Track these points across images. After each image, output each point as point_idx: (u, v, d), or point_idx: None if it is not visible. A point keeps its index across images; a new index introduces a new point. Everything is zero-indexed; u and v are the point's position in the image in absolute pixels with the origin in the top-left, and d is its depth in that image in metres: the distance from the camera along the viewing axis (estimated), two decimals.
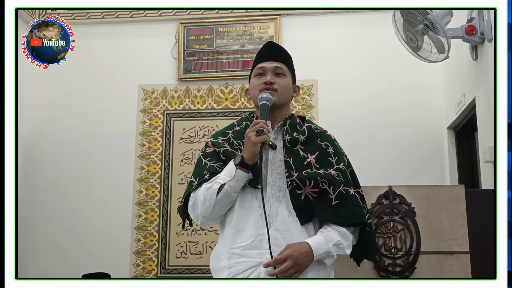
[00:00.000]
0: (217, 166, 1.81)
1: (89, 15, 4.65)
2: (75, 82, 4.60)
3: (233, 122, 1.98)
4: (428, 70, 3.97)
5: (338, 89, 4.34)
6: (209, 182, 1.77)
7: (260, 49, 2.00)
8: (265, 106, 1.80)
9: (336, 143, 1.91)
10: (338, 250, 1.73)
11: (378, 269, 2.40)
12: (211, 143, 1.90)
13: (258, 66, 1.92)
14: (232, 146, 1.86)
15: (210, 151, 1.88)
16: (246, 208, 1.77)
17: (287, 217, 1.75)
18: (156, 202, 4.33)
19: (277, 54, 1.94)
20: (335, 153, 1.86)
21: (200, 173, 1.83)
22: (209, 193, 1.75)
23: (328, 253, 1.72)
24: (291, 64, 1.97)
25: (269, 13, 4.50)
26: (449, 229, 2.40)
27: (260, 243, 1.72)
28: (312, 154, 1.82)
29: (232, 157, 1.80)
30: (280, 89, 1.87)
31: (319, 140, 1.88)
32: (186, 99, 4.49)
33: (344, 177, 1.80)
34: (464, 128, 3.86)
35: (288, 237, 1.73)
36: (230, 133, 1.91)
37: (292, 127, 1.87)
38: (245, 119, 1.96)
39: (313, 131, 1.91)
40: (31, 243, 4.33)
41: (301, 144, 1.83)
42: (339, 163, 1.83)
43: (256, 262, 1.71)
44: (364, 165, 3.92)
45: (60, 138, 4.50)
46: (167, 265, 4.21)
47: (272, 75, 1.88)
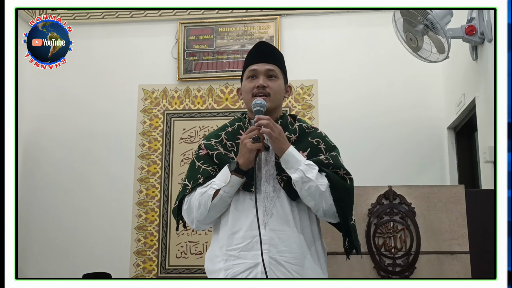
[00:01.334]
0: (211, 170, 1.82)
1: (89, 15, 4.65)
2: (76, 82, 4.60)
3: (225, 123, 1.98)
4: (428, 70, 3.97)
5: (338, 89, 4.34)
6: (203, 187, 1.78)
7: (251, 49, 1.99)
8: (259, 113, 1.80)
9: (328, 139, 1.91)
10: (307, 171, 1.71)
11: (378, 269, 2.40)
12: (204, 145, 1.90)
13: (250, 68, 1.91)
14: (225, 148, 1.87)
15: (203, 153, 1.88)
16: (241, 210, 1.78)
17: (281, 217, 1.76)
18: (156, 202, 4.33)
19: (268, 55, 1.93)
20: (326, 148, 1.87)
21: (194, 177, 1.84)
22: (204, 198, 1.77)
23: (297, 163, 1.73)
24: (283, 65, 1.97)
25: (269, 13, 4.50)
26: (449, 229, 2.40)
27: (256, 245, 1.72)
28: (304, 151, 1.83)
29: (226, 160, 1.81)
30: (273, 93, 1.87)
31: (310, 138, 1.88)
32: (186, 99, 4.49)
33: (334, 161, 1.80)
34: (464, 128, 3.86)
35: (284, 237, 1.74)
36: (223, 135, 1.91)
37: (283, 127, 1.86)
38: (238, 120, 1.96)
39: (304, 129, 1.91)
40: (31, 243, 4.33)
41: (292, 143, 1.83)
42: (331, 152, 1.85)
43: (253, 264, 1.72)
44: (364, 165, 3.97)
45: (60, 137, 4.50)
46: (167, 265, 4.21)
47: (264, 78, 1.87)
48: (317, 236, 1.84)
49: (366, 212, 2.44)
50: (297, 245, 1.75)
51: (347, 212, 1.78)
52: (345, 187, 1.78)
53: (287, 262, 1.72)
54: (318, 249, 1.82)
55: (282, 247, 1.73)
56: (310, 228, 1.81)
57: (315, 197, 1.73)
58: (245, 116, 1.96)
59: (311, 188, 1.71)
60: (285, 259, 1.72)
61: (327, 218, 1.81)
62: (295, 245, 1.75)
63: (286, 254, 1.73)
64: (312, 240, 1.81)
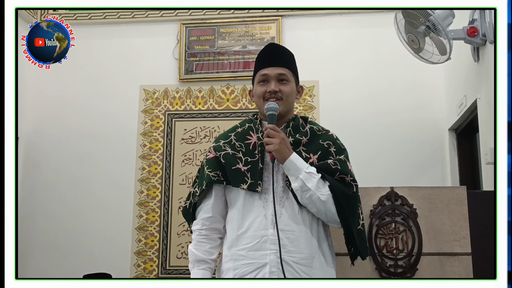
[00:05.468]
0: (213, 176, 1.84)
1: (90, 15, 4.65)
2: (76, 82, 4.60)
3: (236, 124, 1.99)
4: (430, 71, 3.96)
5: (339, 90, 4.33)
6: (195, 268, 1.84)
7: (261, 51, 1.98)
8: (273, 116, 1.82)
9: (339, 142, 1.92)
10: (307, 180, 1.72)
11: (380, 270, 2.39)
12: (213, 148, 1.93)
13: (261, 72, 1.91)
14: (233, 148, 1.88)
15: (210, 157, 1.91)
16: (250, 210, 1.79)
17: (290, 217, 1.77)
18: (157, 202, 4.33)
19: (279, 58, 1.93)
20: (336, 151, 1.87)
21: (200, 182, 1.90)
22: (190, 263, 1.87)
23: (298, 171, 1.74)
24: (294, 66, 1.96)
25: (271, 14, 4.49)
26: (450, 231, 2.39)
27: (264, 244, 1.74)
28: (314, 154, 1.83)
29: (232, 161, 1.84)
30: (285, 97, 1.87)
31: (321, 140, 1.88)
32: (188, 100, 4.49)
33: (342, 166, 1.81)
34: (466, 130, 3.85)
35: (292, 237, 1.75)
36: (233, 135, 1.92)
37: (295, 129, 1.88)
38: (248, 121, 1.97)
39: (315, 132, 1.91)
40: (32, 243, 4.33)
41: (303, 146, 1.84)
42: (340, 156, 1.85)
43: (261, 264, 1.73)
44: (365, 166, 3.96)
45: (61, 138, 4.50)
46: (168, 266, 4.21)
47: (276, 83, 1.87)
48: (325, 236, 1.85)
49: (368, 213, 2.43)
50: (306, 245, 1.76)
51: (350, 220, 1.78)
52: (348, 196, 1.77)
53: (295, 263, 1.73)
54: (326, 249, 1.83)
55: (290, 247, 1.73)
56: (318, 228, 1.81)
57: (316, 205, 1.74)
58: (256, 117, 1.96)
59: (312, 196, 1.72)
60: (294, 259, 1.73)
61: (331, 224, 1.82)
62: (303, 245, 1.75)
63: (294, 254, 1.73)
64: (321, 241, 1.81)
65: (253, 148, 1.86)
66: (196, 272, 1.83)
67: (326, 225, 1.86)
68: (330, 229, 1.89)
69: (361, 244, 1.82)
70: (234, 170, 1.83)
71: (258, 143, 1.86)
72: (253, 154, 1.84)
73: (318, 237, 1.80)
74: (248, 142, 1.88)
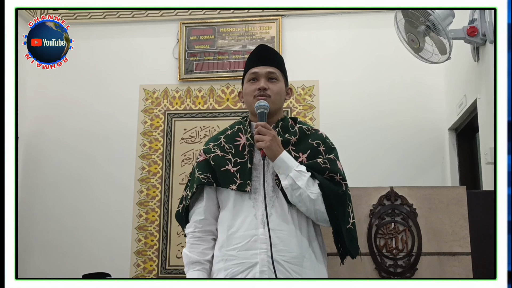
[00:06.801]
0: (203, 178, 1.86)
1: (90, 15, 4.65)
2: (76, 82, 4.60)
3: (226, 127, 2.01)
4: (430, 71, 3.96)
5: (339, 90, 4.33)
6: (190, 270, 1.87)
7: (251, 52, 2.00)
8: (263, 114, 1.82)
9: (328, 141, 1.92)
10: (297, 178, 1.72)
11: (379, 270, 2.39)
12: (203, 150, 1.95)
13: (251, 71, 1.92)
14: (223, 150, 1.89)
15: (201, 160, 1.93)
16: (240, 210, 1.80)
17: (280, 217, 1.77)
18: (157, 202, 4.33)
19: (269, 58, 1.95)
20: (326, 150, 1.87)
21: (191, 186, 1.91)
22: (185, 266, 1.90)
23: (288, 169, 1.74)
24: (284, 68, 1.98)
25: (271, 13, 4.49)
26: (450, 230, 2.39)
27: (254, 244, 1.74)
28: (303, 153, 1.84)
29: (221, 163, 1.85)
30: (273, 95, 1.88)
31: (310, 140, 1.89)
32: (187, 99, 4.49)
33: (331, 165, 1.81)
34: (466, 130, 3.85)
35: (282, 236, 1.75)
36: (222, 138, 1.94)
37: (284, 129, 1.89)
38: (238, 123, 1.98)
39: (304, 131, 1.92)
40: (32, 243, 4.33)
41: (292, 145, 1.85)
42: (330, 155, 1.86)
43: (252, 263, 1.73)
44: (365, 166, 3.97)
45: (61, 138, 4.50)
46: (167, 265, 4.21)
47: (265, 81, 1.89)
48: (316, 236, 1.84)
49: (367, 213, 2.44)
50: (296, 244, 1.76)
51: (340, 219, 1.78)
52: (338, 195, 1.77)
53: (286, 262, 1.73)
54: (317, 249, 1.83)
55: (281, 246, 1.74)
56: (308, 228, 1.81)
57: (306, 204, 1.74)
58: (246, 118, 1.98)
59: (302, 195, 1.72)
60: (284, 258, 1.73)
61: (320, 223, 1.82)
62: (294, 244, 1.75)
63: (285, 253, 1.73)
64: (311, 240, 1.81)
65: (242, 149, 1.87)
66: (191, 274, 1.84)
67: (317, 225, 1.86)
68: (322, 228, 1.89)
69: (351, 243, 1.82)
70: (223, 171, 1.84)
71: (247, 144, 1.87)
72: (242, 155, 1.85)
73: (308, 236, 1.81)
74: (238, 143, 1.89)
